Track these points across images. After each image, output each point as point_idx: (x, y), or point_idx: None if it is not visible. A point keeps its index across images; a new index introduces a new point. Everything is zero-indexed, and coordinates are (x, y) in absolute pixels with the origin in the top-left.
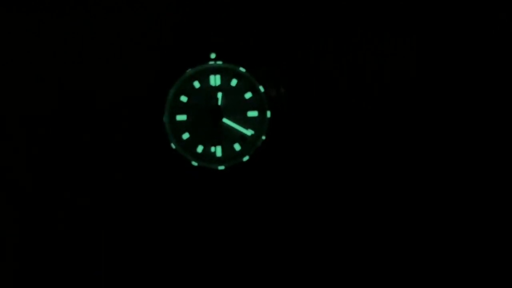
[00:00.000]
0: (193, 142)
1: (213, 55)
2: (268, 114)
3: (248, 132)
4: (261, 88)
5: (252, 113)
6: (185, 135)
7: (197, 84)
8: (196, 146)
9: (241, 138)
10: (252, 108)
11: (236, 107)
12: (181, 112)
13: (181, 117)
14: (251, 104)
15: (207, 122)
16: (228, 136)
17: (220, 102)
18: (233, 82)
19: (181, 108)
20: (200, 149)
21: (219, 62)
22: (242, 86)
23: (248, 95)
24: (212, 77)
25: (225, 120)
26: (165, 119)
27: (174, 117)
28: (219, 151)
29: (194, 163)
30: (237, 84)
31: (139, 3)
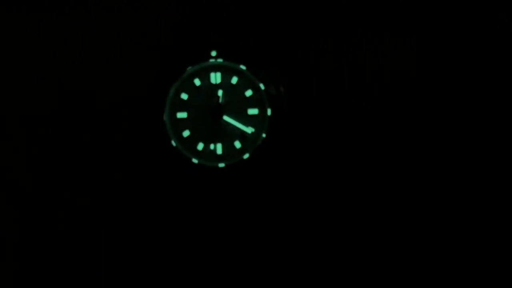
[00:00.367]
0: (193, 139)
1: (213, 53)
2: (269, 111)
3: (249, 129)
4: (262, 86)
5: (253, 111)
6: (186, 132)
7: (197, 81)
8: (197, 144)
9: (242, 135)
10: (253, 105)
11: (236, 105)
12: (181, 109)
13: (181, 115)
14: (251, 102)
15: (207, 120)
16: (229, 134)
17: (220, 99)
18: (234, 80)
19: (182, 105)
20: (200, 146)
21: (220, 60)
22: (242, 83)
23: (248, 93)
24: (212, 75)
25: (225, 117)
26: (165, 117)
27: (174, 114)
28: (219, 148)
29: (195, 160)
30: (238, 82)
31: (139, 2)
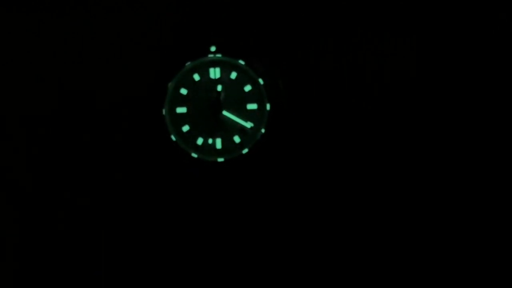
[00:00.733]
0: (193, 134)
1: (213, 48)
2: (268, 106)
3: (248, 124)
4: (261, 81)
5: (252, 106)
6: (185, 127)
7: (197, 76)
8: (196, 138)
9: (241, 130)
10: (252, 100)
11: (235, 100)
12: (181, 104)
13: (181, 110)
14: (250, 97)
15: (207, 115)
16: (228, 129)
17: (220, 94)
18: (233, 75)
19: (181, 100)
20: (200, 141)
21: (219, 55)
22: (241, 79)
23: (247, 88)
24: (211, 70)
25: (224, 112)
26: (165, 112)
27: (174, 109)
28: (218, 143)
29: (194, 155)
30: (237, 77)
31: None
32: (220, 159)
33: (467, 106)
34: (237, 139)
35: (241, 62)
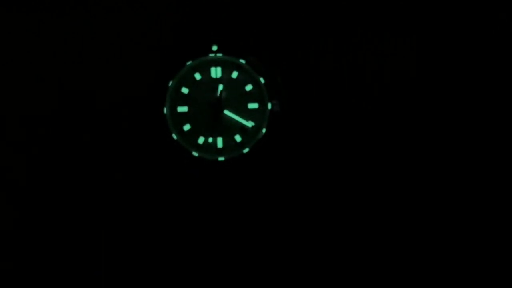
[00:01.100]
0: (194, 133)
1: (214, 47)
2: (269, 106)
3: (249, 123)
4: (262, 80)
5: (253, 105)
6: (186, 126)
7: (198, 76)
8: (197, 138)
9: (242, 129)
10: (253, 100)
11: (237, 99)
12: (182, 103)
13: (182, 109)
14: (251, 96)
15: (208, 114)
16: (229, 128)
17: (221, 94)
18: (234, 74)
19: (182, 99)
20: (201, 140)
21: (220, 54)
22: (243, 78)
23: (248, 87)
24: (213, 69)
25: (226, 112)
26: (166, 111)
27: (175, 108)
28: (219, 142)
29: (195, 154)
30: (238, 76)
31: None
32: (221, 158)
33: (467, 106)
34: (238, 138)
35: (242, 61)
